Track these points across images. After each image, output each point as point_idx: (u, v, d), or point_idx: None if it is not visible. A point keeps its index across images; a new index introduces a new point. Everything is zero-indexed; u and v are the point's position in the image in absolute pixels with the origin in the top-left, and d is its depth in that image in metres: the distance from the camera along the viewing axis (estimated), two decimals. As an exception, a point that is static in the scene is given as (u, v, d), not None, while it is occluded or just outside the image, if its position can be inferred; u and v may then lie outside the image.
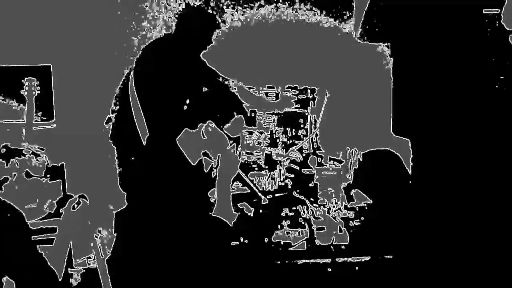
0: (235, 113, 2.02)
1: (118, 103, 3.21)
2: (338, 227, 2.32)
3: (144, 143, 2.89)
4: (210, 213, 1.94)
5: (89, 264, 2.59)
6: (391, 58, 3.05)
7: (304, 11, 3.57)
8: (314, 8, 3.57)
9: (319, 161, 3.07)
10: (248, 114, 3.17)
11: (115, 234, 2.09)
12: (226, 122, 2.00)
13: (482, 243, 2.34)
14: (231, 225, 1.95)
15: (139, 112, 2.98)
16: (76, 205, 1.86)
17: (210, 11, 3.27)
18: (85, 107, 3.48)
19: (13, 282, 1.64)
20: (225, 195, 1.98)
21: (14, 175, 1.70)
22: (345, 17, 3.56)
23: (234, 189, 2.73)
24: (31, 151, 1.73)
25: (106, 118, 3.30)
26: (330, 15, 3.57)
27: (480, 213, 2.36)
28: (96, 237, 1.95)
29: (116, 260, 1.94)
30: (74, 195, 1.92)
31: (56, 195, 1.85)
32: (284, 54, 3.52)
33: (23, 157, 1.71)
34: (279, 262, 2.21)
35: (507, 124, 2.37)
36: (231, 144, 2.03)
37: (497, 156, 2.37)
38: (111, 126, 3.26)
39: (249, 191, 2.68)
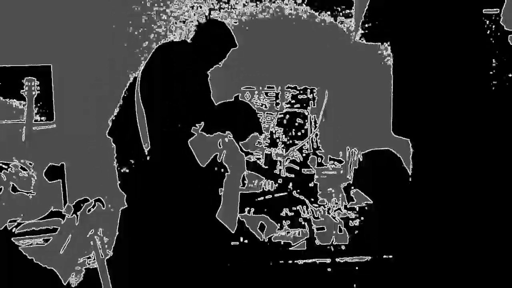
0: (254, 132, 2.05)
1: (123, 103, 3.18)
2: (338, 227, 2.32)
3: (144, 147, 2.86)
4: (214, 214, 1.94)
5: (89, 264, 2.59)
6: (391, 58, 3.06)
7: (304, 10, 3.57)
8: (314, 8, 3.57)
9: (319, 161, 3.07)
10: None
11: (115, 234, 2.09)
12: (243, 139, 2.02)
13: (482, 242, 2.34)
14: (233, 232, 1.95)
15: (142, 117, 2.93)
16: (92, 209, 1.85)
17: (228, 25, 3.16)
18: (85, 107, 3.48)
19: None
20: (232, 200, 1.97)
21: (0, 189, 1.66)
22: (345, 17, 3.56)
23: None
24: (19, 166, 1.70)
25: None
26: (331, 14, 3.57)
27: (480, 212, 2.36)
28: (96, 237, 1.94)
29: (116, 260, 1.94)
30: (91, 198, 1.91)
31: (44, 211, 1.83)
32: (284, 54, 3.52)
33: (10, 170, 1.68)
34: (279, 262, 2.21)
35: (506, 124, 2.36)
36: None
37: (496, 156, 2.37)
38: (111, 122, 3.22)
39: (251, 191, 2.68)
